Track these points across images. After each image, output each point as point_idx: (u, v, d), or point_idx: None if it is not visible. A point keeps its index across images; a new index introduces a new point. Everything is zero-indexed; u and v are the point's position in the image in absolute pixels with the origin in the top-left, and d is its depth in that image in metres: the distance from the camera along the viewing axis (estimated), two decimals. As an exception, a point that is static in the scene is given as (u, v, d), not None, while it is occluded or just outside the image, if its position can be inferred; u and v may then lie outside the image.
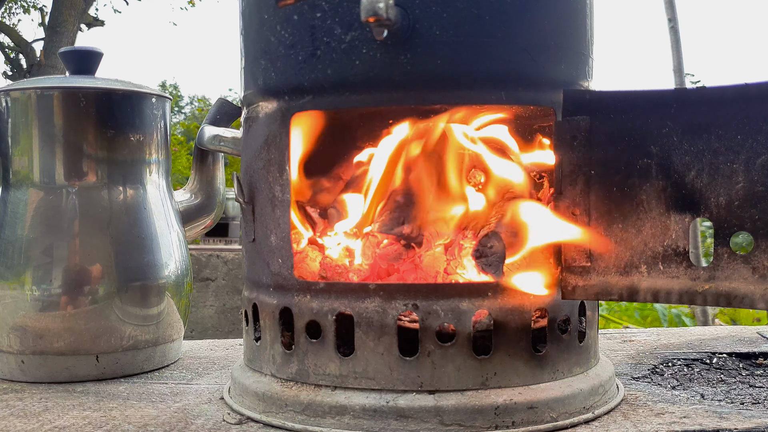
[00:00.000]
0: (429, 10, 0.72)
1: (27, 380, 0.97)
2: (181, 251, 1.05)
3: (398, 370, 0.74)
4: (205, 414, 0.81)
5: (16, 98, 0.99)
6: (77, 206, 0.98)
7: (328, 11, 0.74)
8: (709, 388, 0.89)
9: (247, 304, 0.86)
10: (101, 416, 0.81)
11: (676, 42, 2.67)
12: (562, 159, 0.75)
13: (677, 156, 0.71)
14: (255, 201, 0.82)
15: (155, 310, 1.00)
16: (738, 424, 0.73)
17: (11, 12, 9.22)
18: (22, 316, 0.96)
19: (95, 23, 7.97)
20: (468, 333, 0.74)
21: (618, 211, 0.74)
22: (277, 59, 0.78)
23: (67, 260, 0.96)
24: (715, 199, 0.70)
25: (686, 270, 0.72)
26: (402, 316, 0.74)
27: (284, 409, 0.77)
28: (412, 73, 0.73)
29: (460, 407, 0.72)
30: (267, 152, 0.80)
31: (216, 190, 1.13)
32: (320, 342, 0.77)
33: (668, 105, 0.72)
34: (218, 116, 0.96)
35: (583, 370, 0.80)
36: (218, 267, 3.85)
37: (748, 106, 0.69)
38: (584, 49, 0.81)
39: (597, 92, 0.76)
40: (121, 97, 1.01)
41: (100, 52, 1.06)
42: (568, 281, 0.75)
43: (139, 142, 1.02)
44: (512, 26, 0.74)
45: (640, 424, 0.74)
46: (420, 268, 0.82)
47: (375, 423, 0.73)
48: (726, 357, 1.04)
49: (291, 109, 0.78)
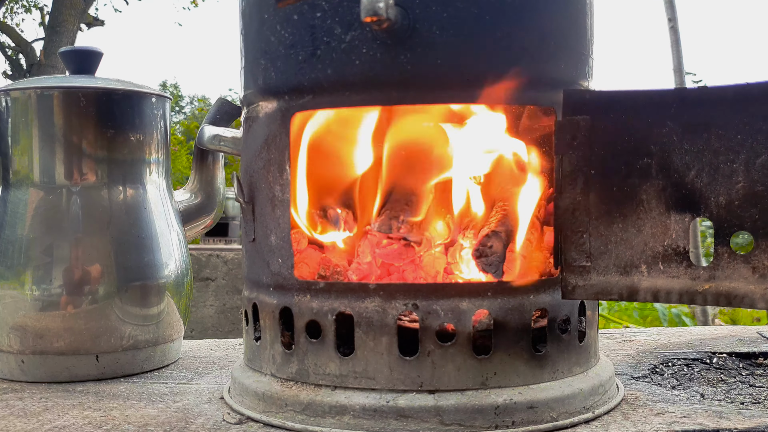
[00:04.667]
0: (429, 9, 0.72)
1: (27, 380, 0.97)
2: (181, 251, 1.05)
3: (398, 369, 0.74)
4: (205, 414, 0.81)
5: (16, 98, 0.99)
6: (77, 206, 0.98)
7: (328, 11, 0.74)
8: (709, 388, 0.89)
9: (247, 304, 0.86)
10: (101, 416, 0.81)
11: (676, 42, 2.67)
12: (562, 159, 0.75)
13: (677, 156, 0.71)
14: (255, 201, 0.82)
15: (155, 309, 1.00)
16: (738, 424, 0.73)
17: (13, 12, 9.22)
18: (22, 315, 0.96)
19: (95, 23, 7.97)
20: (468, 333, 0.74)
21: (618, 210, 0.74)
22: (277, 59, 0.78)
23: (67, 260, 0.96)
24: (715, 199, 0.70)
25: (686, 270, 0.72)
26: (402, 316, 0.74)
27: (284, 409, 0.77)
28: (412, 73, 0.73)
29: (460, 407, 0.72)
30: (267, 152, 0.80)
31: (216, 189, 1.13)
32: (320, 342, 0.77)
33: (668, 105, 0.72)
34: (218, 116, 0.96)
35: (583, 369, 0.80)
36: (218, 267, 3.84)
37: (748, 105, 0.69)
38: (584, 49, 0.81)
39: (597, 92, 0.76)
40: (121, 96, 1.01)
41: (100, 52, 1.06)
42: (568, 281, 0.75)
43: (139, 142, 1.02)
44: (512, 26, 0.74)
45: (640, 424, 0.74)
46: (420, 268, 0.82)
47: (375, 423, 0.73)
48: (726, 357, 1.04)
49: (291, 109, 0.78)
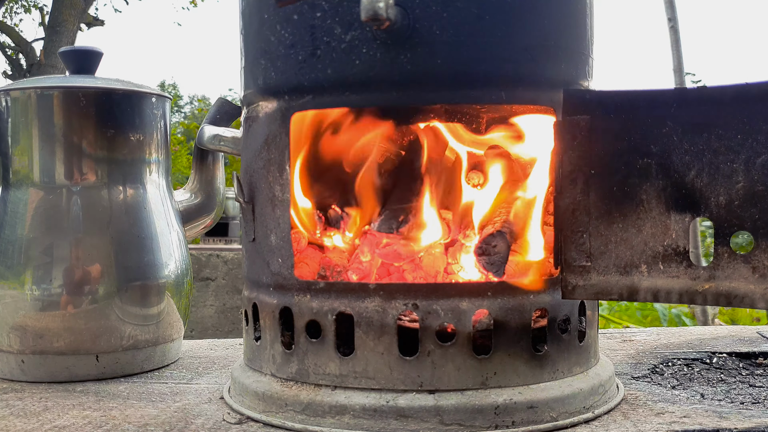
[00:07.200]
0: (429, 9, 0.72)
1: (27, 380, 0.97)
2: (181, 251, 1.05)
3: (398, 369, 0.74)
4: (205, 414, 0.81)
5: (16, 98, 0.99)
6: (77, 206, 0.98)
7: (328, 11, 0.74)
8: (709, 388, 0.89)
9: (247, 304, 0.86)
10: (101, 416, 0.81)
11: (676, 42, 2.66)
12: (562, 159, 0.75)
13: (677, 155, 0.71)
14: (255, 200, 0.82)
15: (155, 309, 1.00)
16: (738, 424, 0.73)
17: (12, 12, 9.22)
18: (22, 315, 0.96)
19: (95, 23, 7.97)
20: (468, 333, 0.74)
21: (618, 210, 0.74)
22: (277, 59, 0.78)
23: (67, 260, 0.96)
24: (715, 199, 0.70)
25: (686, 269, 0.71)
26: (402, 316, 0.74)
27: (284, 409, 0.77)
28: (412, 73, 0.73)
29: (460, 407, 0.72)
30: (267, 152, 0.80)
31: (216, 189, 1.13)
32: (320, 342, 0.77)
33: (668, 104, 0.72)
34: (218, 116, 0.96)
35: (583, 369, 0.80)
36: (218, 267, 3.84)
37: (748, 105, 0.69)
38: (584, 49, 0.81)
39: (597, 92, 0.76)
40: (121, 96, 1.01)
41: (100, 52, 1.06)
42: (568, 281, 0.75)
43: (139, 142, 1.02)
44: (512, 26, 0.74)
45: (640, 424, 0.74)
46: (420, 268, 0.82)
47: (375, 423, 0.73)
48: (726, 357, 1.04)
49: (291, 109, 0.78)
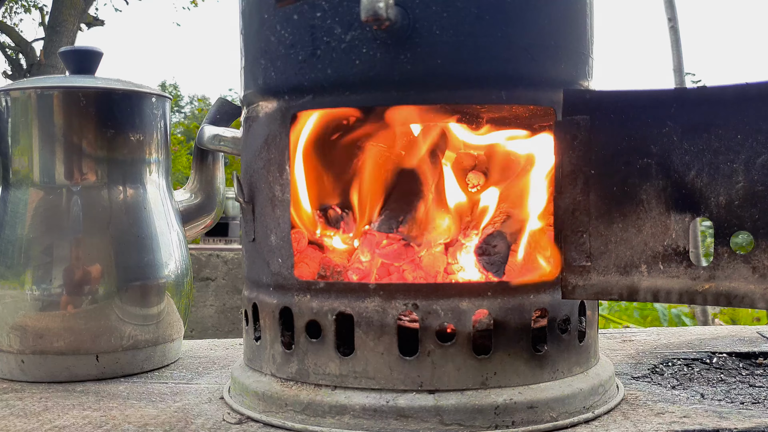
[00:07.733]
0: (429, 9, 0.72)
1: (27, 380, 0.97)
2: (181, 251, 1.05)
3: (398, 369, 0.74)
4: (205, 414, 0.81)
5: (16, 98, 0.99)
6: (77, 206, 0.98)
7: (328, 11, 0.74)
8: (709, 388, 0.89)
9: (247, 304, 0.86)
10: (101, 416, 0.81)
11: (676, 42, 2.66)
12: (562, 159, 0.75)
13: (677, 155, 0.71)
14: (255, 201, 0.82)
15: (155, 309, 1.00)
16: (738, 424, 0.73)
17: (12, 12, 9.22)
18: (22, 315, 0.96)
19: (95, 23, 7.97)
20: (468, 333, 0.74)
21: (618, 210, 0.74)
22: (277, 59, 0.78)
23: (67, 260, 0.96)
24: (715, 199, 0.70)
25: (686, 269, 0.71)
26: (402, 316, 0.74)
27: (284, 409, 0.77)
28: (412, 73, 0.73)
29: (460, 407, 0.72)
30: (267, 152, 0.80)
31: (216, 189, 1.13)
32: (320, 342, 0.77)
33: (668, 105, 0.72)
34: (218, 116, 0.97)
35: (583, 369, 0.80)
36: (218, 267, 3.84)
37: (748, 105, 0.69)
38: (584, 49, 0.81)
39: (597, 92, 0.76)
40: (121, 96, 1.01)
41: (100, 52, 1.06)
42: (568, 281, 0.75)
43: (139, 142, 1.02)
44: (512, 26, 0.74)
45: (640, 424, 0.74)
46: (420, 268, 0.82)
47: (375, 422, 0.73)
48: (726, 357, 1.04)
49: (291, 109, 0.78)
